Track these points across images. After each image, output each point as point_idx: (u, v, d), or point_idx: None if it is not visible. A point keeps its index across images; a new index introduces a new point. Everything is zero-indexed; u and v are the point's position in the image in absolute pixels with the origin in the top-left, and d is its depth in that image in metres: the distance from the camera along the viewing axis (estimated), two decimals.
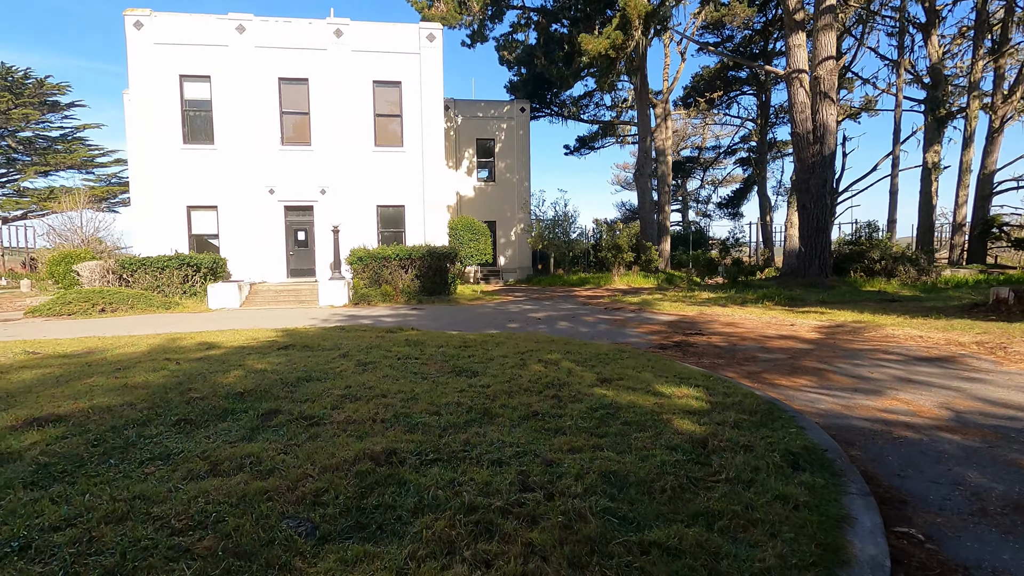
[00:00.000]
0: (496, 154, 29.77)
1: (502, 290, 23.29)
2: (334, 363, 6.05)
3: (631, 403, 4.50)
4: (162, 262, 16.94)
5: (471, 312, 14.58)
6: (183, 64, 18.40)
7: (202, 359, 6.41)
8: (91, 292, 15.38)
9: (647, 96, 28.19)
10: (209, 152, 18.76)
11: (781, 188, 47.37)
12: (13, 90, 37.03)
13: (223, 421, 4.03)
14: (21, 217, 40.09)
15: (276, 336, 8.64)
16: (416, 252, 17.82)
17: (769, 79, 37.58)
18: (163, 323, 12.84)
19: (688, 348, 8.81)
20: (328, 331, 9.37)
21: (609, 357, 6.63)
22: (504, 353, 6.71)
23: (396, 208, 20.17)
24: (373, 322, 12.40)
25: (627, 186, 62.74)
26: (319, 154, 19.39)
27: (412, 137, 19.89)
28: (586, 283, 25.12)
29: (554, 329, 11.12)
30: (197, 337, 8.66)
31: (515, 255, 30.00)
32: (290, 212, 19.52)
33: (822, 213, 19.53)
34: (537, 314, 13.84)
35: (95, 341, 8.75)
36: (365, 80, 19.48)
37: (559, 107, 34.17)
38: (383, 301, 16.93)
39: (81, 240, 31.06)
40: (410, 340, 7.74)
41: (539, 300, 18.29)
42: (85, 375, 5.57)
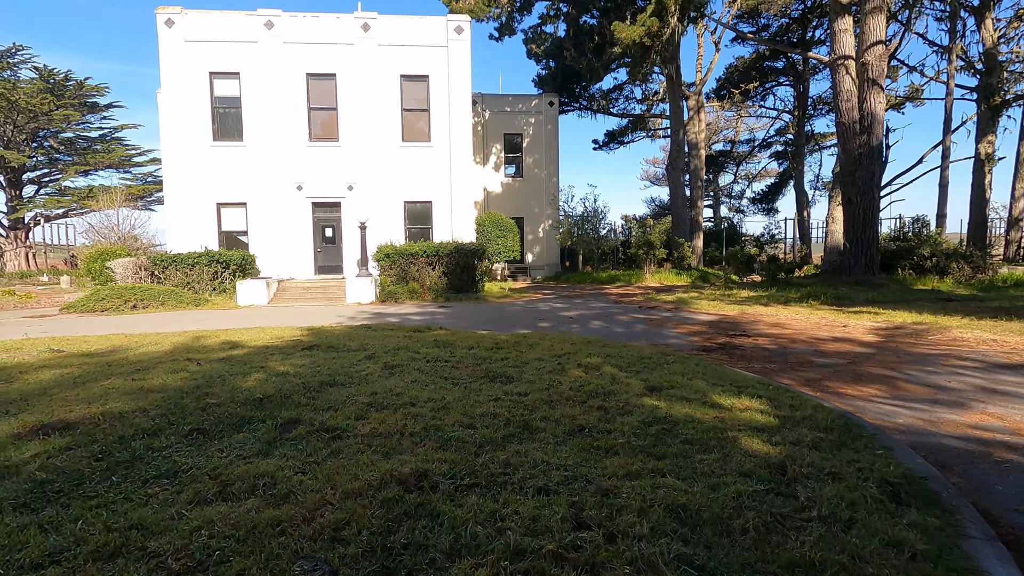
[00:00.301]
0: (524, 149, 29.29)
1: (530, 287, 22.84)
2: (359, 366, 5.69)
3: (688, 417, 3.99)
4: (192, 259, 17.01)
5: (500, 310, 14.17)
6: (213, 61, 18.43)
7: (224, 360, 6.14)
8: (123, 289, 15.50)
9: (680, 87, 27.29)
10: (238, 149, 18.78)
11: (819, 182, 45.71)
12: (55, 92, 38.09)
13: (239, 432, 3.69)
14: (63, 215, 41.34)
15: (301, 335, 8.37)
16: (444, 249, 17.50)
17: (807, 69, 36.17)
18: (191, 320, 12.79)
19: (734, 351, 8.20)
20: (354, 330, 9.06)
21: (653, 361, 6.11)
22: (539, 356, 6.25)
23: (423, 204, 19.89)
24: (400, 320, 12.09)
25: (656, 181, 61.50)
26: (346, 150, 19.23)
27: (440, 132, 19.56)
28: (616, 280, 24.47)
29: (587, 329, 10.62)
30: (222, 336, 8.45)
31: (543, 252, 29.50)
32: (318, 209, 19.42)
33: (869, 207, 18.48)
34: (568, 313, 13.34)
35: (121, 339, 8.62)
36: (392, 74, 19.23)
37: (588, 101, 33.47)
38: (410, 299, 16.66)
39: (118, 237, 31.80)
40: (439, 341, 7.35)
41: (569, 298, 17.77)
42: (103, 376, 5.33)
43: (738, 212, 47.77)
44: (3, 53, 38.73)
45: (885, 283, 17.81)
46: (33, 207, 39.77)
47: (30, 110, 36.06)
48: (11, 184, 39.95)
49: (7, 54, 38.76)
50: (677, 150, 27.60)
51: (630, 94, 36.21)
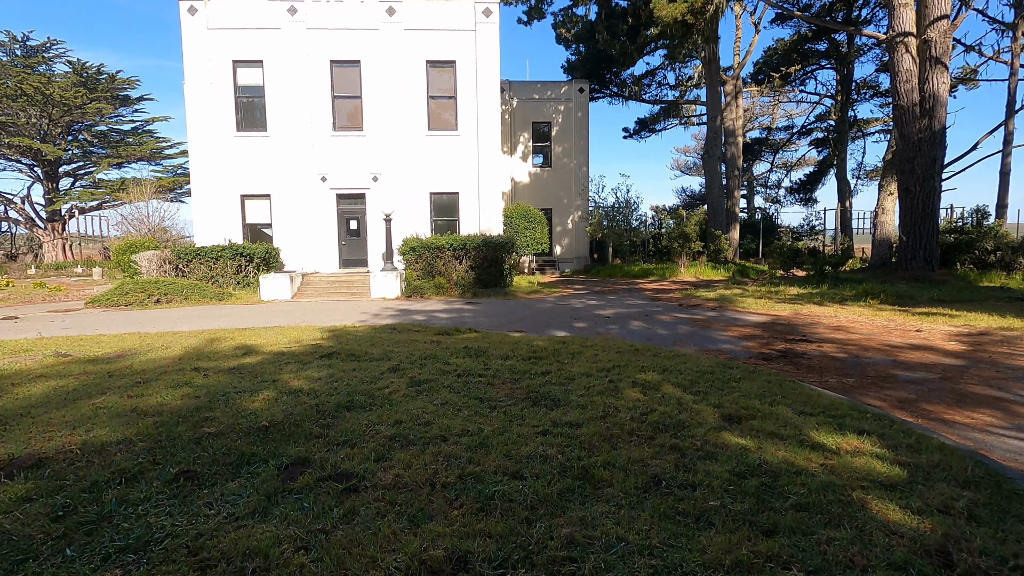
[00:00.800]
0: (552, 138, 28.33)
1: (559, 281, 22.01)
2: (382, 381, 5.00)
3: (788, 464, 3.18)
4: (216, 252, 16.68)
5: (531, 308, 13.41)
6: (236, 49, 17.98)
7: (234, 370, 5.53)
8: (147, 283, 15.24)
9: (717, 70, 25.91)
10: (262, 139, 18.35)
11: (861, 171, 43.58)
12: (87, 85, 38.52)
13: (234, 477, 3.02)
14: (97, 207, 42.02)
15: (321, 338, 7.76)
16: (471, 242, 16.79)
17: (852, 50, 34.22)
18: (211, 316, 12.37)
19: (799, 360, 7.29)
20: (378, 332, 8.42)
21: (717, 378, 5.28)
22: (585, 370, 5.48)
23: (450, 195, 19.20)
24: (426, 319, 11.45)
25: (688, 171, 59.67)
26: (371, 140, 18.63)
27: (467, 120, 18.79)
28: (649, 274, 23.45)
29: (628, 331, 9.78)
30: (237, 338, 7.90)
31: (571, 244, 28.59)
32: (342, 200, 18.91)
33: (929, 197, 17.06)
34: (604, 311, 12.50)
35: (134, 340, 8.15)
36: (418, 60, 18.50)
37: (619, 87, 32.23)
38: (436, 294, 16.03)
39: (148, 229, 32.05)
40: (470, 348, 6.63)
41: (602, 294, 16.89)
42: (99, 391, 4.76)
43: (774, 202, 45.83)
44: (38, 48, 39.31)
45: (946, 279, 16.43)
46: (69, 199, 40.50)
47: (64, 104, 36.52)
48: (48, 177, 40.71)
49: (42, 49, 39.35)
50: (714, 137, 26.27)
51: (663, 80, 34.81)
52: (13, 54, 38.80)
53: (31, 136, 37.50)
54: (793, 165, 44.50)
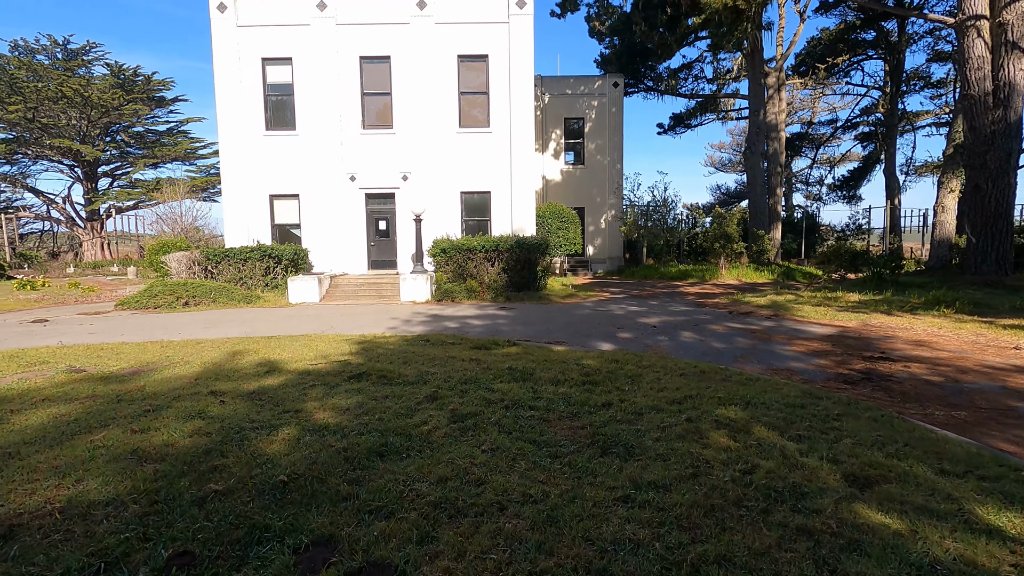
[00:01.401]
0: (585, 134, 27.41)
1: (593, 284, 21.15)
2: (420, 414, 4.32)
3: (968, 565, 2.36)
4: (244, 253, 16.38)
5: (569, 314, 12.63)
6: (265, 46, 17.65)
7: (254, 395, 4.94)
8: (176, 285, 15.00)
9: (761, 61, 24.61)
10: (290, 138, 17.99)
11: (910, 167, 41.33)
12: (125, 87, 39.20)
13: (240, 565, 2.37)
14: (133, 207, 42.80)
15: (349, 352, 7.15)
16: (504, 243, 16.09)
17: (904, 38, 32.36)
18: (238, 321, 11.97)
19: (887, 384, 6.36)
20: (410, 345, 7.78)
21: (810, 413, 4.45)
22: (652, 402, 4.70)
23: (481, 195, 18.54)
24: (459, 327, 10.79)
25: (722, 167, 57.87)
26: (401, 138, 18.09)
27: (499, 116, 18.09)
28: (688, 276, 22.38)
29: (680, 344, 8.94)
30: (261, 350, 7.35)
31: (604, 244, 27.64)
32: (371, 200, 18.43)
33: (1003, 195, 15.64)
34: (649, 319, 11.64)
35: (155, 350, 7.69)
36: (449, 55, 17.87)
37: (655, 81, 31.07)
38: (468, 298, 15.38)
39: (181, 229, 32.36)
40: (514, 369, 5.90)
41: (641, 298, 16.00)
42: (102, 422, 4.20)
43: (816, 200, 43.84)
44: (78, 51, 40.16)
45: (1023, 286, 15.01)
46: (107, 199, 41.33)
47: (102, 105, 37.18)
48: (88, 177, 41.63)
49: (81, 52, 40.19)
50: (757, 132, 24.98)
51: (700, 73, 33.47)
52: (55, 57, 39.72)
53: (71, 137, 38.33)
54: (837, 161, 42.49)
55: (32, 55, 39.01)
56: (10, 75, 35.72)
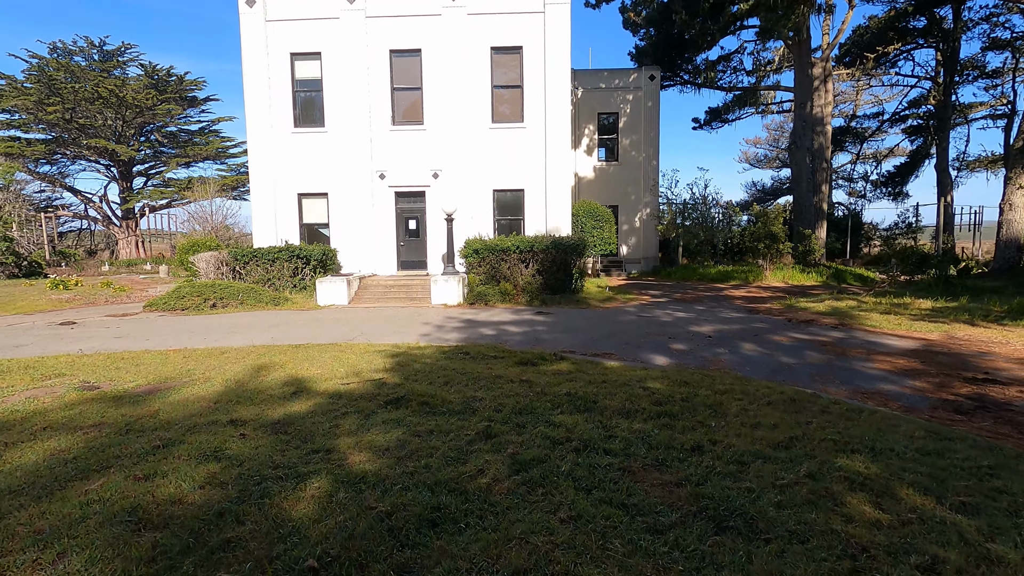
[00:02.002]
0: (620, 130, 26.42)
1: (629, 285, 20.21)
2: (474, 458, 3.60)
3: None
4: (272, 254, 15.97)
5: (612, 320, 11.79)
6: (294, 41, 17.21)
7: (279, 427, 4.29)
8: (204, 286, 14.65)
9: (808, 51, 23.23)
10: (319, 135, 17.53)
11: (962, 162, 39.04)
12: (158, 87, 39.64)
13: None
14: (166, 205, 43.33)
15: (383, 367, 6.48)
16: (539, 243, 15.31)
17: (960, 25, 30.44)
18: (265, 325, 11.48)
19: (1009, 416, 5.38)
20: (448, 359, 7.08)
21: (955, 465, 3.57)
22: (751, 444, 3.87)
23: (514, 193, 17.78)
24: (496, 333, 10.07)
25: (758, 163, 55.97)
26: (432, 134, 17.46)
27: (533, 111, 17.30)
28: (729, 278, 21.26)
29: (742, 357, 8.04)
30: (288, 364, 6.74)
31: (639, 244, 26.62)
32: (401, 199, 17.85)
33: None
34: (701, 327, 10.72)
35: (176, 361, 7.16)
36: (482, 47, 17.15)
37: (692, 74, 29.82)
38: (501, 301, 14.66)
39: (211, 227, 32.47)
40: (573, 394, 5.13)
41: (685, 302, 15.04)
42: (105, 462, 3.60)
43: (859, 197, 41.80)
44: (113, 52, 40.76)
45: None
46: (141, 198, 41.92)
47: (136, 105, 37.63)
48: (123, 177, 42.31)
49: (116, 53, 40.78)
50: (803, 125, 23.60)
51: (739, 65, 32.00)
52: (91, 59, 40.38)
53: (107, 137, 38.93)
54: (884, 156, 40.43)
55: (70, 57, 39.72)
56: (49, 76, 36.40)
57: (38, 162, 39.87)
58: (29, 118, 37.51)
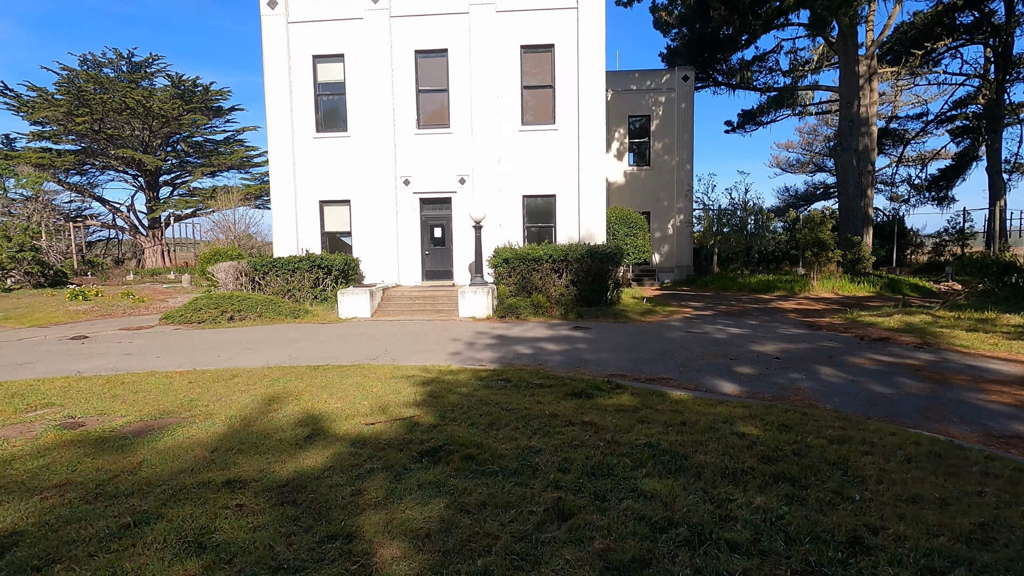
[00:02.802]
0: (651, 133, 25.31)
1: (666, 296, 19.03)
2: (548, 557, 2.59)
3: None
4: (292, 264, 15.24)
5: (658, 337, 10.68)
6: (316, 43, 16.58)
7: (287, 491, 3.35)
8: (221, 298, 13.97)
9: (855, 45, 21.87)
10: (342, 140, 16.83)
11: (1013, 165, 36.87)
12: (184, 97, 39.83)
13: None
14: (191, 215, 43.46)
15: (413, 400, 5.53)
16: (573, 252, 14.29)
17: (1013, 19, 28.71)
18: (283, 341, 10.67)
19: None
20: (488, 388, 6.10)
21: None
22: (930, 540, 2.80)
23: (545, 199, 16.81)
24: (533, 352, 9.06)
25: (789, 168, 54.07)
26: (458, 137, 16.62)
27: (566, 112, 16.34)
28: (772, 288, 19.92)
29: (825, 385, 6.89)
30: (304, 394, 5.83)
31: (671, 252, 25.39)
32: (426, 206, 17.02)
33: None
34: (763, 346, 9.56)
35: (180, 388, 6.32)
36: (511, 46, 16.28)
37: (726, 75, 28.58)
38: (534, 314, 13.66)
39: (233, 236, 32.20)
40: (655, 443, 4.09)
41: (733, 315, 13.83)
42: (54, 551, 2.70)
43: (902, 202, 39.79)
44: (141, 64, 41.13)
45: None
46: (167, 207, 42.09)
47: (163, 115, 37.80)
48: (149, 186, 42.55)
49: (144, 64, 41.14)
50: (850, 126, 22.19)
51: (774, 66, 30.64)
52: (120, 70, 40.82)
53: (134, 148, 39.18)
54: (930, 158, 38.48)
55: (99, 68, 40.21)
56: (78, 88, 36.81)
57: (68, 173, 40.31)
58: (59, 129, 37.96)
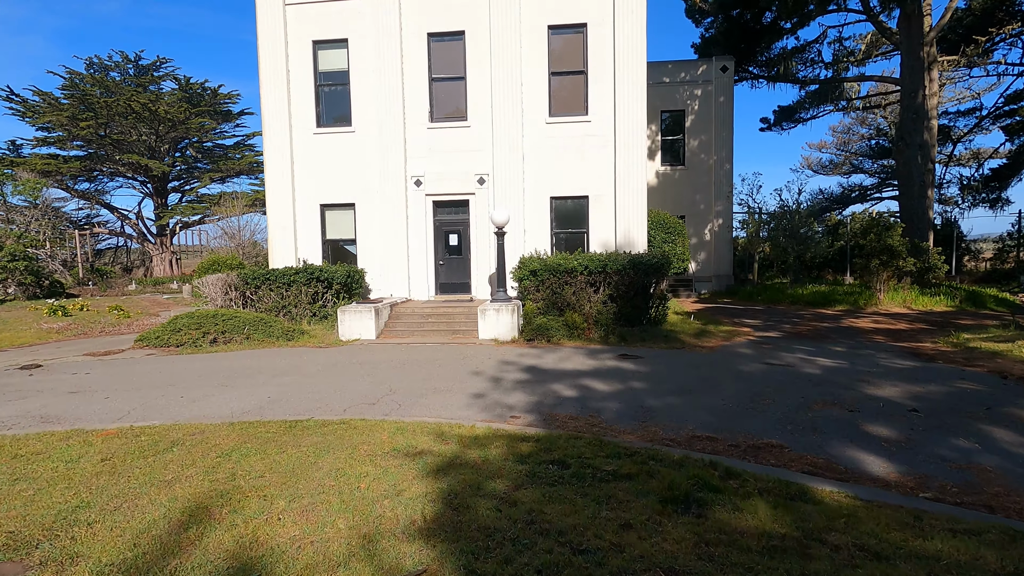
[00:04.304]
0: (686, 129, 23.08)
1: (710, 310, 16.74)
2: None
3: None
4: (288, 276, 13.29)
5: (731, 371, 8.46)
6: (317, 27, 14.70)
7: None
8: (204, 317, 12.04)
9: (920, 29, 19.48)
10: (345, 136, 14.90)
11: None
12: (192, 101, 38.50)
13: None
14: (199, 221, 42.07)
15: (419, 519, 3.44)
16: (613, 263, 12.14)
17: None
18: (267, 373, 8.66)
19: None
20: (534, 483, 4.00)
21: None
22: None
23: (576, 201, 14.70)
24: (579, 395, 6.91)
25: (821, 170, 51.17)
26: (477, 131, 14.59)
27: (601, 101, 14.24)
28: (831, 301, 17.53)
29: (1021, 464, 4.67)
30: (249, 502, 3.76)
31: (709, 260, 23.06)
32: (440, 209, 15.00)
33: None
34: (878, 388, 7.30)
35: (83, 473, 4.33)
36: (537, 26, 14.25)
37: (765, 66, 26.23)
38: (568, 336, 11.51)
39: (237, 244, 30.53)
40: None
41: (806, 338, 11.54)
42: None
43: (952, 205, 36.88)
44: (148, 67, 39.93)
45: None
46: (175, 214, 40.74)
47: (169, 119, 36.51)
48: (158, 192, 41.23)
49: (152, 67, 39.92)
50: (914, 118, 19.75)
51: (816, 57, 28.19)
52: (127, 74, 39.68)
53: (140, 153, 37.89)
54: (986, 156, 35.64)
55: (105, 72, 39.11)
56: (83, 91, 35.63)
57: (76, 179, 39.15)
58: (64, 135, 36.80)
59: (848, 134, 47.23)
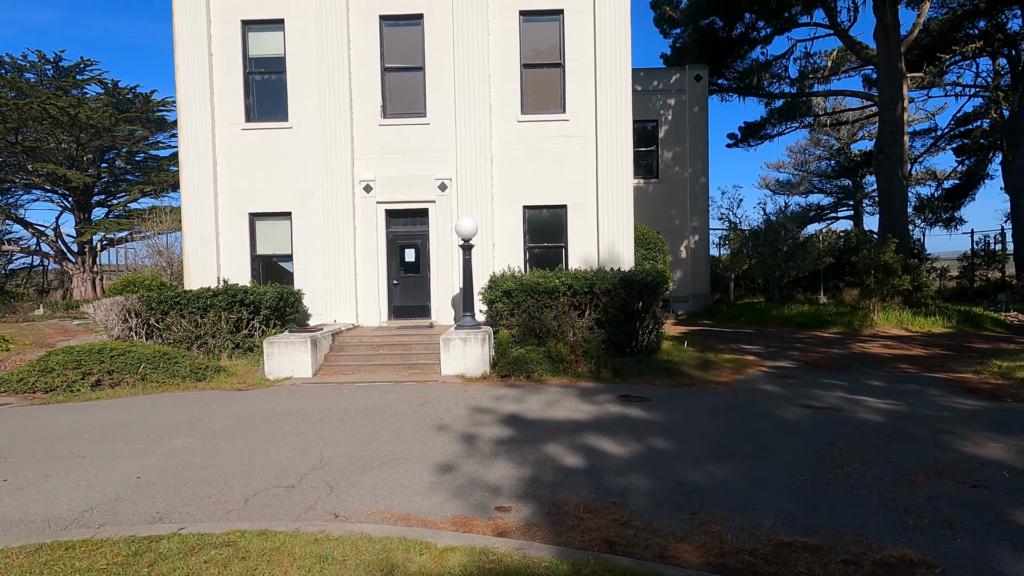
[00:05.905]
0: (660, 140, 21.79)
1: (696, 333, 15.08)
2: None
3: None
4: (204, 299, 10.75)
5: (770, 419, 6.60)
6: (247, 3, 12.43)
7: None
8: (84, 354, 9.35)
9: (898, 41, 18.91)
10: (280, 133, 12.57)
11: None
12: (119, 107, 34.95)
13: None
14: (126, 239, 38.01)
15: None
16: (602, 281, 10.25)
17: None
18: (156, 434, 6.20)
19: None
20: None
21: None
22: None
23: (553, 210, 12.81)
24: (587, 466, 4.84)
25: (779, 190, 51.71)
26: (438, 130, 12.57)
27: (579, 97, 12.52)
28: (822, 322, 16.26)
29: None
30: None
31: (686, 279, 21.62)
32: (394, 220, 12.81)
33: None
34: (974, 445, 5.56)
35: None
36: (508, 12, 12.46)
37: (737, 78, 25.47)
38: (552, 371, 9.46)
39: (166, 262, 27.22)
40: None
41: (825, 368, 9.91)
42: None
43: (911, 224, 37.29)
44: (71, 69, 36.19)
45: None
46: (98, 230, 36.63)
47: (92, 126, 32.89)
48: (80, 207, 37.04)
49: (74, 70, 36.17)
50: (893, 132, 19.07)
51: (783, 72, 27.76)
52: (44, 75, 35.80)
53: (57, 162, 33.93)
54: (945, 176, 36.31)
55: (19, 72, 35.15)
56: None
57: None
58: None
59: (805, 154, 47.94)
